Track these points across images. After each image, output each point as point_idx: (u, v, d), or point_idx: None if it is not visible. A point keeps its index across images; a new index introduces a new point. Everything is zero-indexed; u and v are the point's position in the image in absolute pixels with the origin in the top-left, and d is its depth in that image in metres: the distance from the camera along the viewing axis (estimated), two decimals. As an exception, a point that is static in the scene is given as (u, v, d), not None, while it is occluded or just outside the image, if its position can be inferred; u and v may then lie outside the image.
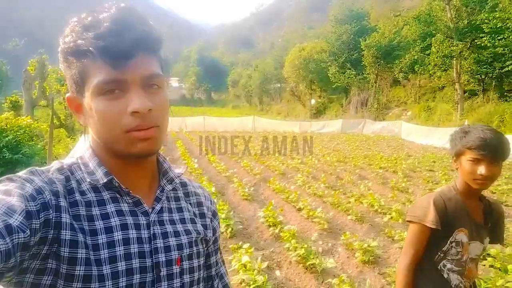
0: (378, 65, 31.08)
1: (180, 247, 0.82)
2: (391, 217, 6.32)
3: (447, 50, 22.13)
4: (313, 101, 39.71)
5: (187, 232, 0.85)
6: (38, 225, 0.64)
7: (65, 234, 0.69)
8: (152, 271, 0.76)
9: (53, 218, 0.68)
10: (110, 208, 0.76)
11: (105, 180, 0.76)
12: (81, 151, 0.85)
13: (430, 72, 24.88)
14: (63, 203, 0.71)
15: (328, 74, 34.99)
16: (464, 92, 24.12)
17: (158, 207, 0.83)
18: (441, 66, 23.29)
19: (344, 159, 13.47)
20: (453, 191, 1.75)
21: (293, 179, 9.73)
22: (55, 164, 0.80)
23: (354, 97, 33.34)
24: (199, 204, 0.94)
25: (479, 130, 1.63)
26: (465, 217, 1.72)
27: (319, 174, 10.55)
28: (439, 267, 1.73)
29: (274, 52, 65.06)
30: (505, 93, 21.93)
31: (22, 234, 0.59)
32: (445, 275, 1.71)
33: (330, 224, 6.13)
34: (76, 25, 0.72)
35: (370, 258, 4.63)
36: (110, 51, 0.68)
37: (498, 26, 18.92)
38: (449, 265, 1.71)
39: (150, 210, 0.81)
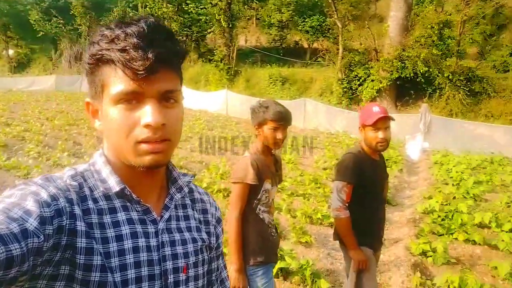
0: (90, 16, 29.19)
1: (186, 255, 0.85)
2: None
3: (160, 11, 23.60)
4: (10, 52, 32.80)
5: (194, 241, 0.88)
6: (52, 231, 0.64)
7: (81, 242, 0.70)
8: (160, 279, 0.79)
9: (67, 225, 0.68)
10: (121, 216, 0.78)
11: (117, 189, 0.78)
12: (93, 157, 0.84)
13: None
14: (77, 210, 0.72)
15: (30, 20, 29.68)
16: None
17: (166, 215, 0.85)
18: (155, 26, 24.66)
19: (74, 122, 12.51)
20: (255, 152, 2.36)
21: (23, 151, 8.32)
22: (68, 171, 0.79)
23: (65, 50, 30.05)
24: (204, 211, 0.98)
25: (275, 105, 2.30)
26: (268, 170, 2.39)
27: (53, 142, 9.46)
28: (256, 211, 2.34)
29: None
30: (203, 54, 25.73)
31: (37, 239, 0.60)
32: (261, 216, 2.36)
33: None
34: (105, 35, 0.73)
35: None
36: (133, 64, 0.70)
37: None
38: (262, 208, 2.36)
39: (158, 218, 0.83)
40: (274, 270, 3.69)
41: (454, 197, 6.43)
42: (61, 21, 29.69)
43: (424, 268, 4.09)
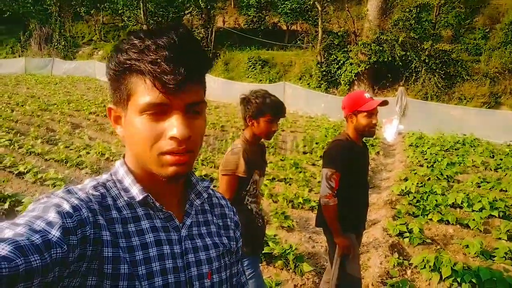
0: (60, -4, 27.86)
1: (209, 261, 0.86)
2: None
3: (135, -10, 22.78)
4: (-26, 32, 31.08)
5: (215, 246, 0.89)
6: (76, 241, 0.65)
7: (108, 252, 0.71)
8: (186, 286, 0.80)
9: (91, 235, 0.69)
10: (145, 224, 0.79)
11: (140, 198, 0.78)
12: (115, 166, 0.85)
13: (120, 11, 24.97)
14: (101, 220, 0.72)
15: (-6, -1, 28.07)
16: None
17: (188, 222, 0.86)
18: (129, 6, 23.83)
19: (47, 107, 12.08)
20: (245, 143, 2.36)
21: (-6, 138, 8.00)
22: (90, 182, 0.80)
23: (35, 32, 28.68)
24: (223, 216, 0.98)
25: (272, 97, 2.30)
26: (257, 161, 2.39)
27: (25, 128, 9.14)
28: (245, 202, 2.36)
29: None
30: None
31: (60, 249, 0.60)
32: (249, 207, 2.38)
33: (67, 183, 5.80)
34: (134, 45, 0.72)
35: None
36: (164, 77, 0.70)
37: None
38: (250, 199, 2.38)
39: (180, 225, 0.84)
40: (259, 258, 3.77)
41: (429, 179, 6.66)
42: (29, 0, 28.23)
43: (401, 249, 4.25)
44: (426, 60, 14.79)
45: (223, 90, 16.39)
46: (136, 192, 0.79)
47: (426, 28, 15.85)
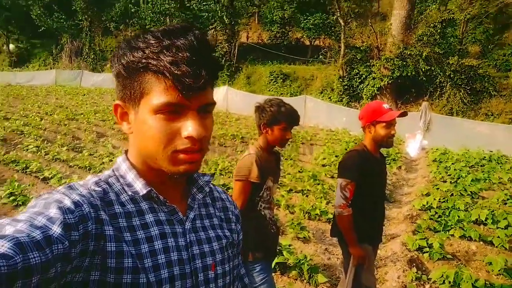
0: (91, 12, 29.15)
1: (213, 253, 0.88)
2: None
3: (162, 7, 23.54)
4: (11, 46, 32.78)
5: (218, 238, 0.91)
6: (77, 236, 0.65)
7: (111, 246, 0.72)
8: (191, 277, 0.81)
9: (93, 230, 0.69)
10: (149, 218, 0.80)
11: (144, 192, 0.80)
12: (116, 163, 0.86)
13: (147, 27, 25.85)
14: (103, 215, 0.73)
15: (31, 15, 29.68)
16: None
17: (191, 215, 0.88)
18: (157, 22, 24.63)
19: (74, 116, 12.52)
20: (258, 150, 2.37)
21: (22, 145, 8.35)
22: (92, 178, 0.81)
23: (66, 45, 30.00)
24: (225, 209, 1.00)
25: (287, 106, 2.32)
26: (270, 167, 2.40)
27: (52, 136, 9.49)
28: (258, 208, 2.36)
29: None
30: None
31: (61, 245, 0.61)
32: (262, 213, 2.38)
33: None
34: (151, 44, 0.73)
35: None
36: (185, 79, 0.71)
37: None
38: (264, 205, 2.38)
39: (184, 218, 0.86)
40: (272, 265, 3.73)
41: (452, 194, 6.44)
42: (63, 16, 29.64)
43: (420, 264, 4.11)
44: (452, 75, 14.48)
45: (244, 103, 16.52)
46: (140, 186, 0.80)
47: (451, 43, 15.59)
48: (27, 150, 7.93)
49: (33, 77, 24.94)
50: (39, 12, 29.93)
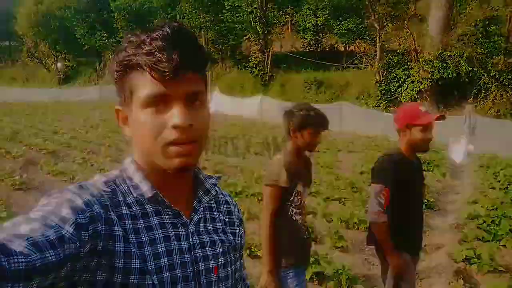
0: (132, 29, 30.46)
1: (215, 256, 0.88)
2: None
3: (197, 21, 24.24)
4: (59, 65, 34.98)
5: (221, 242, 0.91)
6: (87, 237, 0.66)
7: (120, 247, 0.73)
8: (194, 280, 0.82)
9: (103, 231, 0.70)
10: (154, 221, 0.80)
11: (150, 195, 0.80)
12: (124, 164, 0.86)
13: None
14: (113, 216, 0.74)
15: (76, 35, 31.61)
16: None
17: (196, 218, 0.87)
18: (193, 35, 25.33)
19: (117, 129, 12.99)
20: (287, 155, 2.35)
21: (70, 157, 8.82)
22: (100, 178, 0.81)
23: (109, 62, 31.58)
24: (229, 213, 1.00)
25: (316, 110, 2.30)
26: (300, 172, 2.37)
27: (97, 148, 9.96)
28: (289, 213, 2.33)
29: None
30: (238, 61, 26.04)
31: (73, 245, 0.62)
32: (294, 218, 2.35)
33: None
34: (131, 42, 0.75)
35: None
36: (159, 66, 0.71)
37: (236, 4, 22.17)
38: (295, 210, 2.35)
39: (188, 221, 0.86)
40: (309, 274, 3.66)
41: (502, 202, 6.04)
42: (105, 34, 31.30)
43: (468, 276, 3.87)
44: (497, 76, 13.73)
45: (279, 112, 16.53)
46: (146, 189, 0.80)
47: (496, 42, 14.80)
48: (74, 162, 8.36)
49: (79, 93, 26.38)
50: (82, 32, 31.77)
